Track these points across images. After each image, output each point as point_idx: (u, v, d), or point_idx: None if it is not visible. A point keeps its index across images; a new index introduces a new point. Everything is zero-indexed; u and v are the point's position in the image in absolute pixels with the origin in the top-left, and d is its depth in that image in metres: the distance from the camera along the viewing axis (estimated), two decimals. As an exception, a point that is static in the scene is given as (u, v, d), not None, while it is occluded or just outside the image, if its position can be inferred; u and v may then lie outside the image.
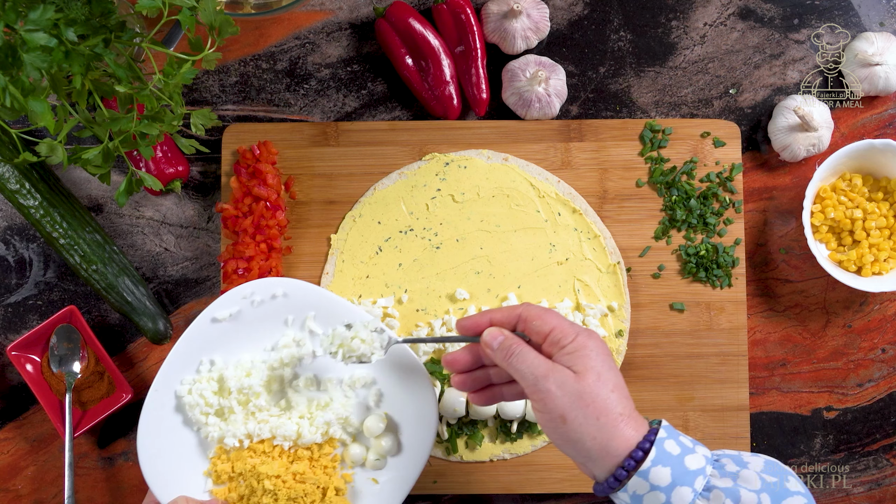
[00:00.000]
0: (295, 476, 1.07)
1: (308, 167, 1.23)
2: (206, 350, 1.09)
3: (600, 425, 0.88)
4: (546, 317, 0.93)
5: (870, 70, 1.20)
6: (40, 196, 1.18)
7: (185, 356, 1.08)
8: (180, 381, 1.08)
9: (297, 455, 1.08)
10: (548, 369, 0.90)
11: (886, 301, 1.23)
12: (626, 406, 0.90)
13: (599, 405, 0.88)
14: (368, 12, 1.26)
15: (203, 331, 1.09)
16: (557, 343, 0.92)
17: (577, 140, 1.23)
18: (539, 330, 0.93)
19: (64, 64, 0.88)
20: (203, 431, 1.08)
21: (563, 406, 0.89)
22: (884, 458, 1.22)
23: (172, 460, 1.07)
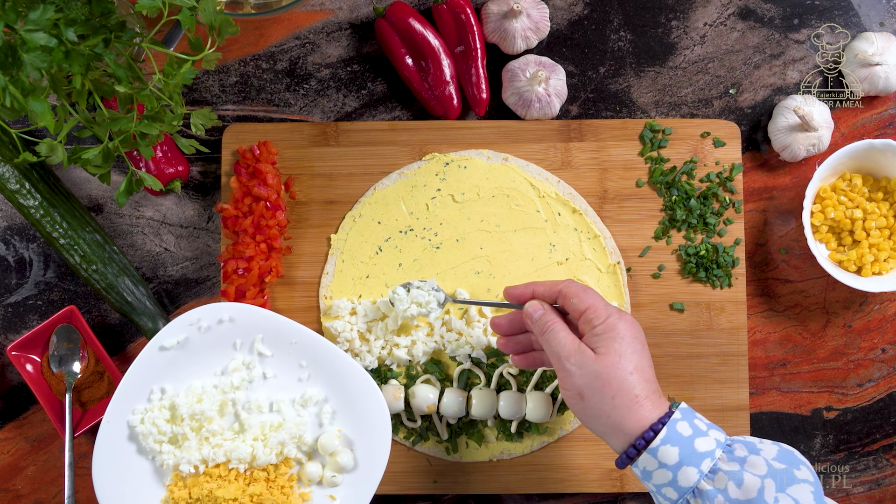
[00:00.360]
0: (252, 498, 1.08)
1: (308, 167, 1.23)
2: (157, 378, 1.11)
3: (615, 404, 0.94)
4: (583, 295, 0.99)
5: (870, 70, 1.20)
6: (40, 196, 1.18)
7: (136, 386, 1.10)
8: (132, 411, 1.10)
9: (254, 477, 1.10)
10: (571, 350, 0.97)
11: (886, 301, 1.23)
12: (644, 388, 0.95)
13: (616, 385, 0.94)
14: (368, 12, 1.26)
15: (152, 360, 1.10)
16: (590, 322, 0.98)
17: (577, 140, 1.23)
18: (576, 307, 0.99)
19: (64, 64, 0.88)
20: (158, 459, 1.10)
21: (581, 385, 0.96)
22: (884, 458, 1.22)
23: (129, 490, 1.09)
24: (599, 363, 0.95)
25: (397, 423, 1.19)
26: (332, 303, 1.20)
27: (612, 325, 0.97)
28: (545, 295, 1.03)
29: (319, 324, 1.21)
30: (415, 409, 1.17)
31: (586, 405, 0.96)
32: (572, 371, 0.96)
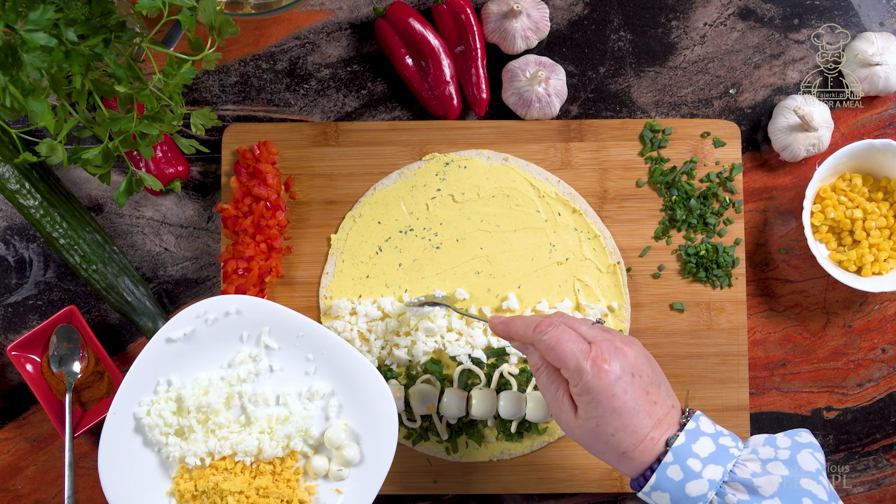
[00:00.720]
0: (258, 491, 1.08)
1: (308, 167, 1.23)
2: (163, 371, 1.11)
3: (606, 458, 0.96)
4: (551, 356, 0.95)
5: (870, 70, 1.20)
6: (40, 196, 1.18)
7: (142, 378, 1.10)
8: (138, 403, 1.10)
9: (260, 470, 1.10)
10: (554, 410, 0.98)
11: (886, 301, 1.23)
12: (630, 442, 0.93)
13: (600, 447, 0.94)
14: (368, 12, 1.26)
15: (158, 352, 1.10)
16: (569, 378, 0.95)
17: (577, 140, 1.23)
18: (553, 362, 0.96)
19: (64, 64, 0.88)
20: (164, 452, 1.10)
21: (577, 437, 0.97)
22: (884, 458, 1.22)
23: (135, 482, 1.09)
24: (581, 428, 0.95)
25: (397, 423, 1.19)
26: (332, 303, 1.20)
27: (585, 388, 0.92)
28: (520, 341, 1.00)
29: (319, 324, 1.21)
30: (415, 409, 1.17)
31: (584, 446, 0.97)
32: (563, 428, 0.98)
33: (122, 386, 1.09)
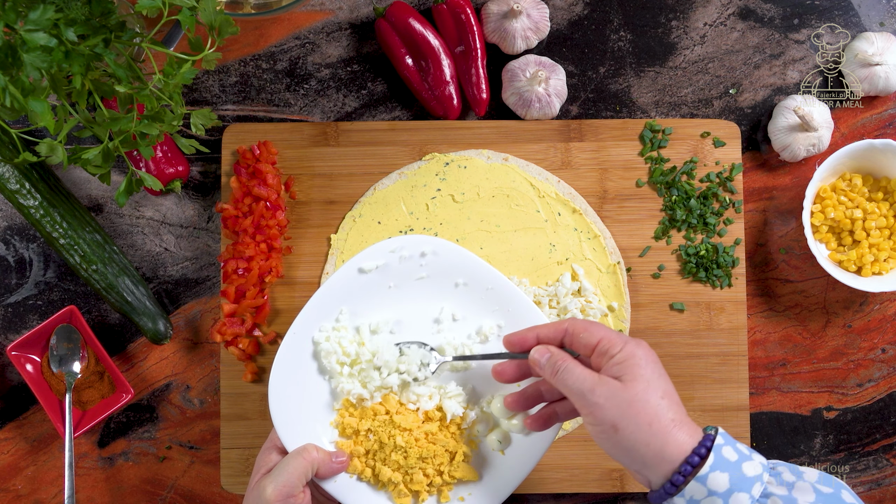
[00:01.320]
0: (427, 435, 1.04)
1: (308, 167, 1.23)
2: (348, 300, 1.07)
3: (653, 432, 0.88)
4: (592, 328, 0.94)
5: (870, 70, 1.20)
6: (40, 196, 1.18)
7: (327, 303, 1.06)
8: (319, 328, 1.06)
9: (429, 416, 1.05)
10: (594, 382, 0.91)
11: (886, 301, 1.23)
12: (677, 412, 0.90)
13: (650, 412, 0.89)
14: (368, 12, 1.26)
15: (347, 279, 1.06)
16: (606, 353, 0.92)
17: (577, 140, 1.23)
18: (586, 342, 0.93)
19: (64, 64, 0.88)
20: (335, 381, 1.06)
21: (612, 416, 0.89)
22: (884, 458, 1.22)
23: (301, 406, 1.05)
24: (629, 391, 0.89)
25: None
26: (332, 303, 1.20)
27: (631, 352, 0.91)
28: (549, 337, 0.97)
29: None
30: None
31: (621, 437, 0.89)
32: (600, 403, 0.89)
33: (305, 307, 1.05)
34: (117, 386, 1.21)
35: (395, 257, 1.07)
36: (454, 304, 1.09)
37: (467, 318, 1.09)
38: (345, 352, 1.05)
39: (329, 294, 1.06)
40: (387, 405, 1.05)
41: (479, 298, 1.08)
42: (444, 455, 1.04)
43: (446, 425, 1.05)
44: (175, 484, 1.22)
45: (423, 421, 1.05)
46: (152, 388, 1.23)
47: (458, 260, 1.08)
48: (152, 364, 1.23)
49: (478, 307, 1.08)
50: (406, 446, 1.02)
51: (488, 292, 1.08)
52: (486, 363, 1.06)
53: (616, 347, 0.91)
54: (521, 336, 0.98)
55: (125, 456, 1.23)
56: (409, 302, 1.08)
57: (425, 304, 1.09)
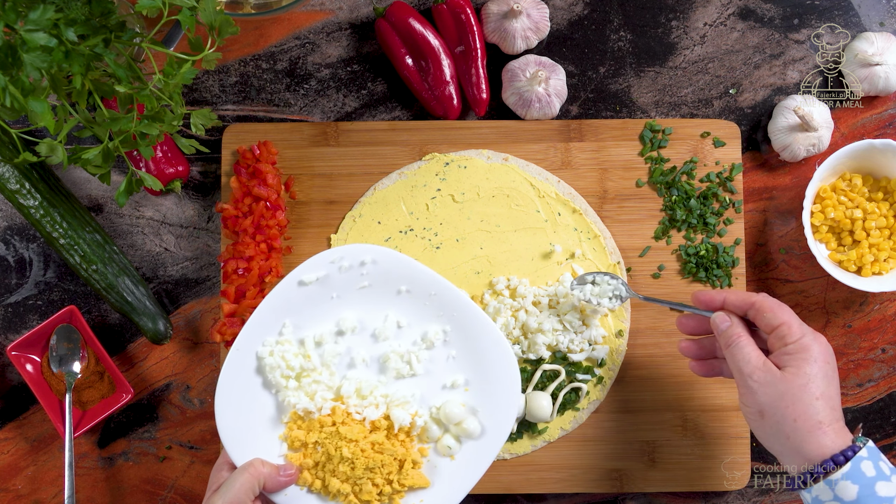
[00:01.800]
0: (373, 445, 1.04)
1: (308, 167, 1.23)
2: (290, 313, 1.07)
3: (796, 427, 0.92)
4: (778, 311, 0.97)
5: (870, 70, 1.20)
6: (40, 196, 1.18)
7: (269, 317, 1.06)
8: (262, 343, 1.06)
9: (376, 425, 1.06)
10: (756, 366, 0.95)
11: (886, 301, 1.23)
12: (829, 416, 0.92)
13: (800, 409, 0.92)
14: (368, 12, 1.26)
15: (289, 293, 1.06)
16: (782, 339, 0.95)
17: (577, 140, 1.23)
18: (769, 322, 0.97)
19: (64, 64, 0.88)
20: (282, 395, 1.06)
21: (763, 402, 0.94)
22: (884, 458, 1.22)
23: (249, 422, 1.05)
24: (786, 383, 0.93)
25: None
26: (332, 303, 1.20)
27: (806, 345, 0.94)
28: (736, 305, 1.00)
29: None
30: (415, 409, 1.17)
31: (765, 423, 0.94)
32: (755, 388, 0.94)
33: (248, 323, 1.06)
34: (117, 386, 1.21)
35: (336, 268, 1.07)
36: (398, 312, 1.09)
37: (412, 324, 1.09)
38: (289, 365, 1.06)
39: (271, 308, 1.06)
40: (334, 416, 1.05)
41: (423, 304, 1.09)
42: (393, 464, 1.04)
43: (394, 434, 1.06)
44: (175, 484, 1.22)
45: (370, 431, 1.05)
46: (152, 388, 1.23)
47: (400, 267, 1.08)
48: (152, 364, 1.23)
49: (422, 313, 1.09)
50: (353, 457, 1.03)
51: (432, 298, 1.09)
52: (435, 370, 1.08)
53: (792, 337, 0.95)
54: (710, 296, 1.03)
55: (125, 456, 1.23)
56: (353, 311, 1.09)
57: (369, 313, 1.09)
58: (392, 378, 1.08)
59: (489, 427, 1.07)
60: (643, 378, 1.20)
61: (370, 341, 1.09)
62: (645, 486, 1.19)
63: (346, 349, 1.08)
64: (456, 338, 1.09)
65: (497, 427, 1.07)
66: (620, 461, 1.19)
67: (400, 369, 1.08)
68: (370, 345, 1.09)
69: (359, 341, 1.09)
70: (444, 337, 1.09)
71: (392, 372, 1.08)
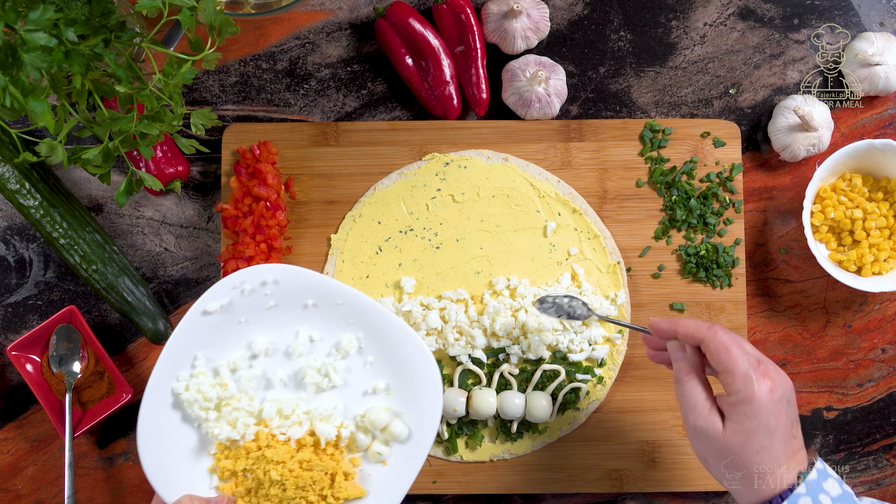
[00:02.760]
0: (301, 464, 1.05)
1: (308, 167, 1.23)
2: (201, 344, 1.07)
3: (735, 478, 0.93)
4: (722, 355, 0.93)
5: (870, 70, 1.20)
6: (40, 196, 1.18)
7: (179, 352, 1.07)
8: (176, 378, 1.07)
9: (302, 443, 1.06)
10: (698, 415, 0.95)
11: (886, 301, 1.23)
12: (770, 465, 0.93)
13: (738, 463, 0.93)
14: (368, 12, 1.26)
15: (195, 325, 1.07)
16: (727, 386, 0.94)
17: (577, 140, 1.23)
18: (715, 366, 0.95)
19: (64, 64, 0.88)
20: (204, 428, 1.07)
21: (704, 454, 0.95)
22: (884, 458, 1.22)
23: (175, 459, 1.06)
24: (725, 440, 0.93)
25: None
26: (332, 303, 1.20)
27: (748, 397, 0.92)
28: (688, 338, 0.98)
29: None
30: (415, 409, 1.17)
31: (708, 467, 0.96)
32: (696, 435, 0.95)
33: (158, 361, 1.06)
34: (117, 386, 1.21)
35: (238, 293, 1.07)
36: (308, 326, 1.10)
37: (324, 337, 1.10)
38: (206, 397, 1.06)
39: (180, 343, 1.06)
40: (258, 441, 1.06)
41: (332, 315, 1.09)
42: (324, 479, 1.04)
43: (322, 448, 1.06)
44: (175, 484, 1.22)
45: (296, 450, 1.06)
46: (152, 388, 1.23)
47: (302, 281, 1.08)
48: (152, 364, 1.23)
49: (332, 324, 1.10)
50: (282, 479, 1.03)
51: (339, 308, 1.09)
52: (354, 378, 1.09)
53: (734, 386, 0.92)
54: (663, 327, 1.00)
55: (125, 456, 1.23)
56: (264, 333, 1.09)
57: (280, 332, 1.09)
58: (312, 393, 1.09)
59: (416, 427, 1.07)
60: (643, 378, 1.20)
61: (285, 360, 1.09)
62: (645, 486, 1.19)
63: (261, 372, 1.09)
64: (370, 343, 1.09)
65: (424, 426, 1.07)
66: (620, 461, 1.19)
67: (319, 383, 1.09)
68: (285, 363, 1.09)
69: (273, 362, 1.09)
70: (358, 344, 1.10)
71: (311, 387, 1.09)
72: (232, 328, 1.08)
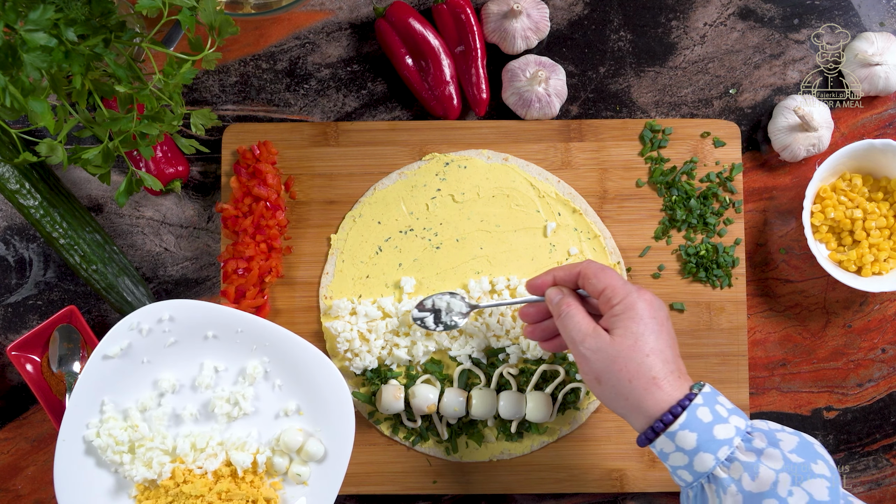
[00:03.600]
0: (220, 495, 1.06)
1: (308, 167, 1.23)
2: (106, 389, 1.09)
3: (632, 387, 0.94)
4: (601, 275, 0.99)
5: (870, 70, 1.20)
6: (40, 196, 1.18)
7: (86, 399, 1.08)
8: (86, 426, 1.08)
9: (220, 473, 1.08)
10: (586, 334, 0.97)
11: (886, 301, 1.23)
12: (662, 369, 0.94)
13: (632, 368, 0.94)
14: (368, 12, 1.26)
15: (98, 371, 1.08)
16: (608, 302, 0.97)
17: (577, 140, 1.23)
18: (594, 287, 0.99)
19: (64, 64, 0.88)
20: (120, 471, 1.08)
21: (597, 369, 0.95)
22: (884, 458, 1.22)
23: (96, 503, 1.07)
24: (615, 346, 0.94)
25: (397, 424, 1.19)
26: (332, 303, 1.20)
27: (630, 304, 0.96)
28: (565, 279, 1.03)
29: (319, 324, 1.21)
30: (415, 409, 1.17)
31: (603, 388, 0.96)
32: (588, 355, 0.96)
33: (66, 411, 1.08)
34: (117, 386, 1.21)
35: (136, 333, 1.08)
36: (212, 358, 1.11)
37: (229, 367, 1.11)
38: (118, 441, 1.07)
39: (85, 390, 1.07)
40: (175, 478, 1.06)
41: (234, 343, 1.10)
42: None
43: (241, 478, 1.07)
44: (175, 484, 1.22)
45: (214, 482, 1.07)
46: (152, 388, 1.23)
47: (199, 314, 1.09)
48: (152, 364, 1.23)
49: (236, 352, 1.11)
50: None
51: (240, 335, 1.10)
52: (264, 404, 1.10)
53: (616, 298, 0.96)
54: (540, 279, 1.05)
55: (125, 456, 1.23)
56: (168, 370, 1.10)
57: (184, 367, 1.11)
58: (224, 423, 1.10)
59: (331, 444, 1.09)
60: (643, 378, 1.20)
61: (192, 393, 1.10)
62: (645, 486, 1.19)
63: (171, 409, 1.10)
64: (276, 366, 1.11)
65: (339, 441, 1.09)
66: (620, 461, 1.19)
67: (229, 412, 1.10)
68: (193, 397, 1.10)
69: (182, 397, 1.10)
70: (263, 368, 1.11)
71: (222, 417, 1.10)
72: (136, 369, 1.10)
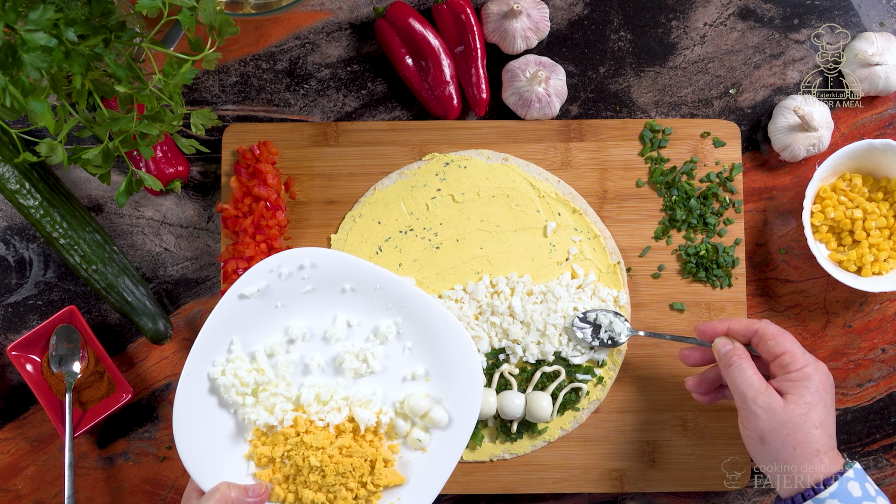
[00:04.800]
0: (341, 450, 1.03)
1: (308, 167, 1.23)
2: (237, 329, 1.06)
3: (795, 454, 0.96)
4: (780, 339, 1.00)
5: (870, 70, 1.20)
6: (40, 196, 1.18)
7: (215, 336, 1.05)
8: (212, 363, 1.05)
9: (341, 429, 1.05)
10: (758, 391, 0.98)
11: (886, 301, 1.23)
12: (826, 444, 0.96)
13: (800, 437, 0.95)
14: (368, 12, 1.26)
15: (231, 309, 1.05)
16: (784, 367, 0.98)
17: (577, 140, 1.23)
18: (771, 350, 1.00)
19: (64, 64, 0.88)
20: (240, 413, 1.05)
21: (763, 429, 0.97)
22: (884, 458, 1.22)
23: (211, 445, 1.04)
24: (787, 411, 0.96)
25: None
26: (332, 303, 1.20)
27: (808, 374, 0.97)
28: (739, 332, 1.04)
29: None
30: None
31: (765, 448, 0.97)
32: (758, 413, 0.97)
33: (195, 345, 1.04)
34: (117, 386, 1.21)
35: (275, 276, 1.06)
36: (346, 311, 1.09)
37: (362, 322, 1.09)
38: (243, 382, 1.05)
39: (215, 327, 1.05)
40: (297, 427, 1.04)
41: (370, 300, 1.08)
42: (364, 466, 1.03)
43: (361, 435, 1.05)
44: (175, 484, 1.22)
45: (335, 436, 1.04)
46: (152, 388, 1.23)
47: (340, 265, 1.07)
48: (152, 364, 1.23)
49: (370, 309, 1.08)
50: (322, 465, 1.02)
51: (378, 292, 1.08)
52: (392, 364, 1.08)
53: (796, 365, 0.98)
54: (712, 326, 1.05)
55: (125, 456, 1.23)
56: (301, 318, 1.08)
57: (317, 317, 1.08)
58: (350, 379, 1.08)
59: (456, 414, 1.06)
60: (643, 378, 1.20)
61: (322, 345, 1.08)
62: (645, 486, 1.19)
63: (299, 357, 1.08)
64: (409, 329, 1.08)
65: (464, 412, 1.06)
66: (620, 461, 1.19)
67: (357, 368, 1.07)
68: (323, 348, 1.08)
69: (311, 347, 1.08)
70: (396, 329, 1.09)
71: (349, 373, 1.08)
72: (268, 312, 1.07)
